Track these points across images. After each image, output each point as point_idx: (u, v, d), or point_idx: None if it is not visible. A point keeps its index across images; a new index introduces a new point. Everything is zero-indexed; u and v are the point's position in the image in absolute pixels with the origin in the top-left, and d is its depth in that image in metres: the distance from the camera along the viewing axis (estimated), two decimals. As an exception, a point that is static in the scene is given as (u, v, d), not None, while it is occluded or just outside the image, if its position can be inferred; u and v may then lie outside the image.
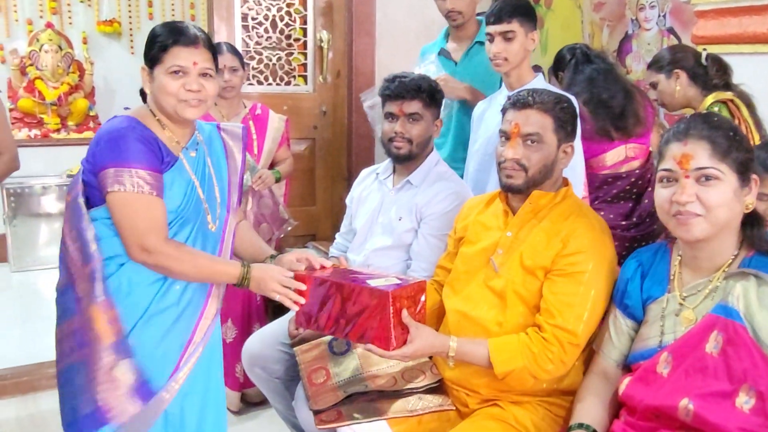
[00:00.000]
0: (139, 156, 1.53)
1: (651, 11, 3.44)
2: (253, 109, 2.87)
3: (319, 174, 3.82)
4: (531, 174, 1.68)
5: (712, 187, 1.32)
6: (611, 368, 1.56)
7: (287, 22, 3.65)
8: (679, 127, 1.39)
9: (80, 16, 5.13)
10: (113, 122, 1.59)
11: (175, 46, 1.58)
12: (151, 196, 1.53)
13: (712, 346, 1.31)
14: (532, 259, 1.66)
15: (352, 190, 2.41)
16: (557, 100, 1.69)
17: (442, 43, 2.80)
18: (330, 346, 1.95)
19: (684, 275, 1.45)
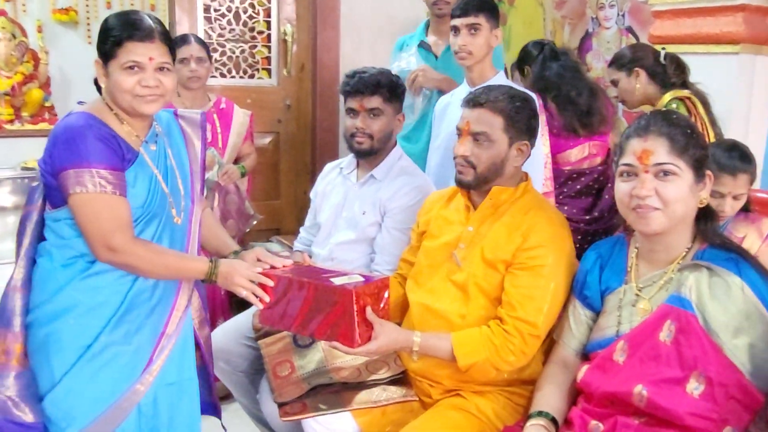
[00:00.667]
0: (99, 155, 1.49)
1: (610, 10, 3.52)
2: (218, 103, 2.86)
3: (283, 168, 3.81)
4: (480, 171, 1.71)
5: (670, 182, 1.37)
6: (570, 357, 1.61)
7: (251, 14, 3.63)
8: (640, 123, 1.43)
9: (35, 4, 4.97)
10: (69, 120, 1.55)
11: (130, 41, 1.53)
12: (114, 195, 1.50)
13: (666, 334, 1.36)
14: (493, 253, 1.70)
15: (316, 185, 2.42)
16: (510, 99, 1.72)
17: (422, 35, 2.82)
18: (294, 339, 1.96)
19: (640, 267, 1.50)
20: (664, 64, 2.45)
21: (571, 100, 2.54)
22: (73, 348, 1.56)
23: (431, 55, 2.74)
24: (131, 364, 1.60)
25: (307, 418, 1.74)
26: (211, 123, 2.80)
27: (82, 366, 1.55)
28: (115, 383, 1.58)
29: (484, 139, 1.69)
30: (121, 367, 1.58)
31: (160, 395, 1.66)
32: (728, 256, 1.39)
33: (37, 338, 1.58)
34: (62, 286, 1.56)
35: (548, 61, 2.64)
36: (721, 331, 1.32)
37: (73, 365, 1.55)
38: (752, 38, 2.63)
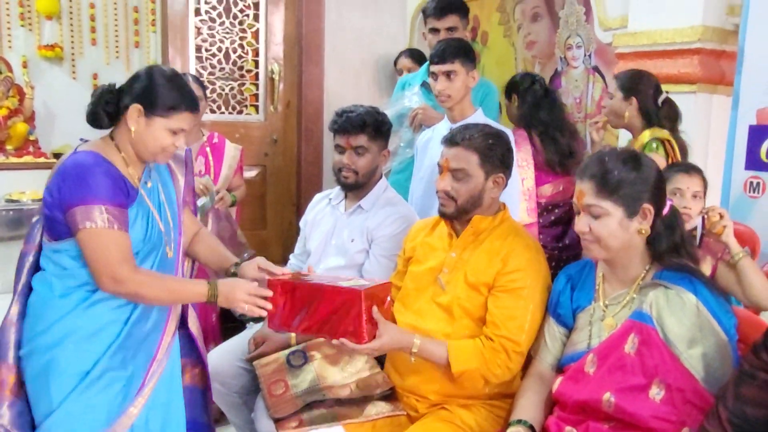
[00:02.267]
0: (108, 193, 1.59)
1: (578, 51, 3.70)
2: (211, 138, 2.97)
3: (269, 199, 3.91)
4: (460, 203, 1.87)
5: (599, 220, 1.54)
6: (546, 371, 1.74)
7: (240, 54, 3.77)
8: (583, 164, 1.60)
9: (20, 40, 5.04)
10: (78, 157, 1.63)
11: (186, 111, 1.69)
12: (120, 231, 1.60)
13: (630, 346, 1.50)
14: (475, 277, 1.84)
15: (305, 214, 2.52)
16: (484, 138, 1.87)
17: (424, 76, 2.95)
18: (288, 360, 2.05)
19: (606, 287, 1.65)
20: (659, 106, 2.48)
21: (555, 140, 2.71)
22: (72, 374, 1.62)
23: (432, 95, 2.89)
24: (126, 389, 1.67)
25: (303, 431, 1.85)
26: (204, 156, 2.91)
27: (81, 391, 1.61)
28: (111, 408, 1.64)
29: (463, 174, 1.85)
30: (117, 392, 1.65)
31: (151, 417, 1.73)
32: (683, 275, 1.52)
33: (36, 367, 1.64)
34: (62, 315, 1.63)
35: (539, 98, 2.79)
36: (678, 342, 1.46)
37: (72, 391, 1.61)
38: (708, 79, 2.81)
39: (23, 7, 4.95)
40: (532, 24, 4.02)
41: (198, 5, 3.62)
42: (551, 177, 2.74)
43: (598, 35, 3.50)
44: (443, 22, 2.86)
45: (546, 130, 2.72)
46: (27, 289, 1.69)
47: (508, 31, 4.21)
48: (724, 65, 2.88)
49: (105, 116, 1.69)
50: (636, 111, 2.48)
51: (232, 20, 3.72)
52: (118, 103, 1.69)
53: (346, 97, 3.73)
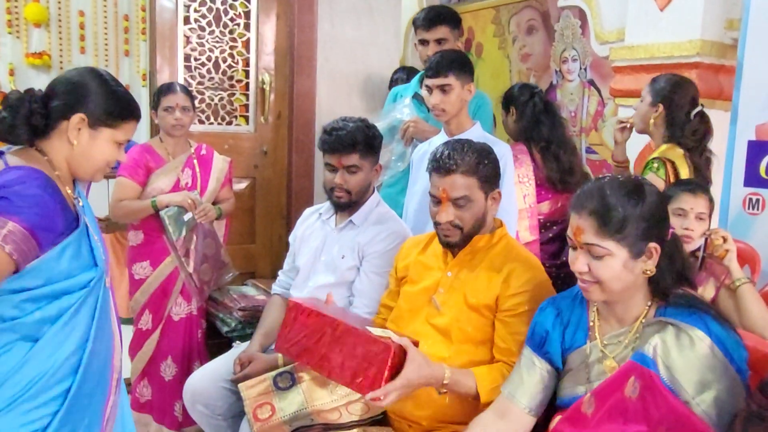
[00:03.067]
0: (33, 215, 1.34)
1: (573, 64, 3.69)
2: (198, 150, 2.91)
3: (258, 212, 3.84)
4: (466, 231, 1.80)
5: (601, 261, 1.37)
6: (514, 410, 1.56)
7: (230, 63, 3.71)
8: (580, 195, 1.43)
9: (8, 47, 4.99)
10: (22, 173, 1.37)
11: (134, 120, 1.54)
12: (9, 257, 1.32)
13: (631, 390, 1.35)
14: (476, 298, 1.77)
15: (295, 229, 2.46)
16: (479, 159, 1.79)
17: (416, 88, 2.92)
18: (275, 382, 1.98)
19: (603, 325, 1.50)
20: (689, 119, 2.33)
21: (557, 157, 2.64)
22: None
23: (423, 107, 2.84)
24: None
25: None
26: (191, 168, 2.84)
27: None
28: None
29: (465, 201, 1.78)
30: None
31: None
32: (690, 312, 1.38)
33: None
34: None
35: (539, 112, 2.70)
36: (688, 386, 1.31)
37: None
38: (706, 93, 2.76)
39: (11, 15, 4.89)
40: (528, 36, 4.02)
41: (187, 13, 3.56)
42: (550, 194, 2.69)
43: (594, 48, 3.50)
44: (432, 33, 2.80)
45: (548, 146, 2.66)
46: None
47: (503, 43, 4.20)
48: (723, 80, 2.87)
49: (27, 129, 1.42)
50: (662, 119, 2.35)
51: (222, 29, 3.67)
52: (47, 114, 1.44)
53: (337, 109, 3.68)
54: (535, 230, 2.59)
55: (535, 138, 2.68)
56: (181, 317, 2.82)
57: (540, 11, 3.91)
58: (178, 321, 2.81)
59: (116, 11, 5.22)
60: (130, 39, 5.29)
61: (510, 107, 2.82)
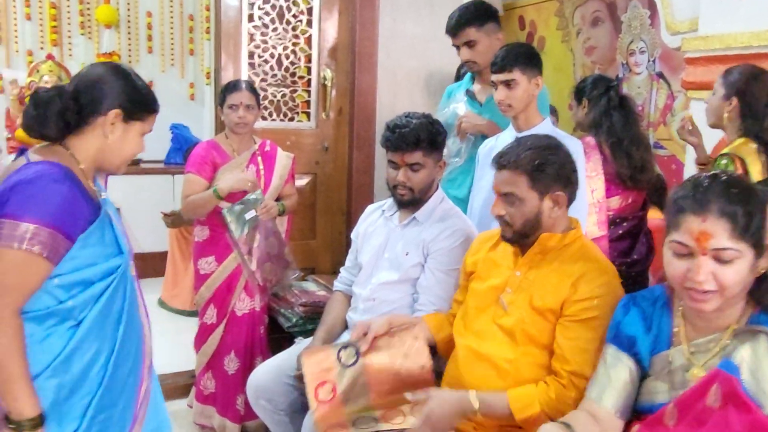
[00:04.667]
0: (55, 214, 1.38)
1: (641, 56, 3.56)
2: (263, 146, 2.92)
3: (319, 208, 3.87)
4: (516, 228, 1.76)
5: (730, 266, 1.27)
6: (603, 414, 1.48)
7: (292, 60, 3.74)
8: (696, 195, 1.30)
9: (80, 48, 5.19)
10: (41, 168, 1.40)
11: (156, 113, 1.60)
12: (40, 258, 1.37)
13: (713, 399, 1.27)
14: (542, 301, 1.71)
15: (357, 225, 2.45)
16: (532, 157, 1.72)
17: (468, 84, 2.90)
18: (338, 357, 1.92)
19: (689, 331, 1.42)
20: (767, 112, 2.21)
21: (628, 153, 2.56)
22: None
23: (476, 103, 2.80)
24: (120, 423, 1.54)
25: None
26: (255, 165, 2.86)
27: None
28: None
29: (513, 198, 1.74)
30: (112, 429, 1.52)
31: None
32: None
33: None
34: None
35: (612, 107, 2.63)
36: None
37: None
38: (787, 85, 2.65)
39: (83, 17, 5.08)
40: (593, 29, 3.91)
41: (251, 11, 3.61)
42: (620, 190, 2.60)
43: (664, 39, 3.37)
44: (459, 38, 2.76)
45: (620, 141, 2.57)
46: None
47: (567, 36, 4.09)
48: (806, 71, 2.70)
49: (59, 125, 1.47)
50: (736, 113, 2.22)
51: (285, 26, 3.70)
52: (79, 110, 1.48)
53: (398, 105, 3.67)
54: (603, 225, 2.50)
55: (606, 132, 2.59)
56: (245, 313, 2.85)
57: (606, 2, 3.79)
58: (241, 316, 2.84)
59: (182, 11, 5.36)
60: (195, 38, 5.43)
61: (582, 99, 2.74)
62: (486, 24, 2.73)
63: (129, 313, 1.54)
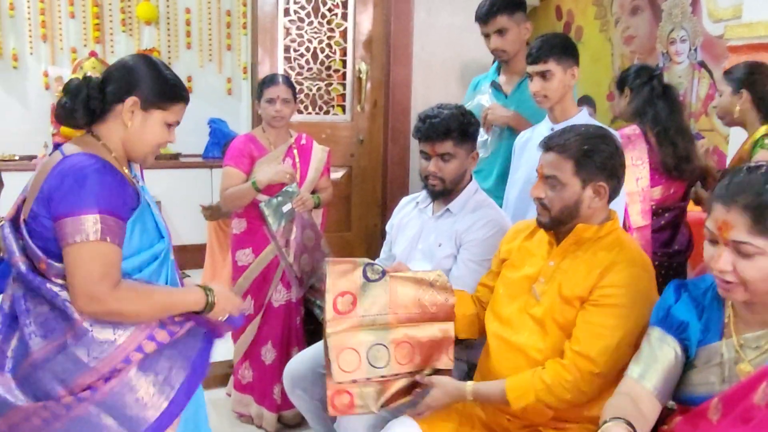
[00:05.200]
0: (109, 201, 1.43)
1: (682, 45, 3.49)
2: (299, 139, 2.95)
3: (354, 201, 3.89)
4: (554, 213, 1.73)
5: (750, 261, 1.25)
6: (642, 392, 1.43)
7: (327, 53, 3.77)
8: (729, 186, 1.29)
9: (122, 45, 5.29)
10: (76, 160, 1.45)
11: (182, 102, 1.60)
12: (112, 244, 1.43)
13: (760, 397, 1.23)
14: (570, 290, 1.70)
15: (392, 217, 2.46)
16: (582, 143, 1.70)
17: (494, 75, 2.89)
18: (364, 271, 1.87)
19: (740, 324, 1.38)
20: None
21: (673, 142, 2.53)
22: None
23: (501, 94, 2.79)
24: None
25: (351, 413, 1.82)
26: (291, 158, 2.89)
27: None
28: None
29: (555, 182, 1.71)
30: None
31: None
32: None
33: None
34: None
35: (656, 96, 2.62)
36: None
37: None
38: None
39: (124, 14, 5.17)
40: (632, 17, 3.84)
41: (287, 5, 3.65)
42: (663, 180, 2.56)
43: (706, 27, 3.30)
44: (490, 26, 2.74)
45: (665, 131, 2.54)
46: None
47: (605, 25, 4.03)
48: None
49: (85, 113, 1.53)
50: (749, 104, 2.32)
51: (320, 20, 3.73)
52: (103, 98, 1.53)
53: (433, 97, 3.66)
54: (648, 215, 2.47)
55: (651, 121, 2.57)
56: (281, 304, 2.89)
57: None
58: (278, 307, 2.88)
59: (219, 7, 5.42)
60: (232, 33, 5.49)
61: (624, 88, 2.72)
62: (516, 13, 2.72)
63: None
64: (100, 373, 1.45)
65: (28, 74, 5.04)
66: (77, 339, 1.44)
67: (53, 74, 5.04)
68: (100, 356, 1.45)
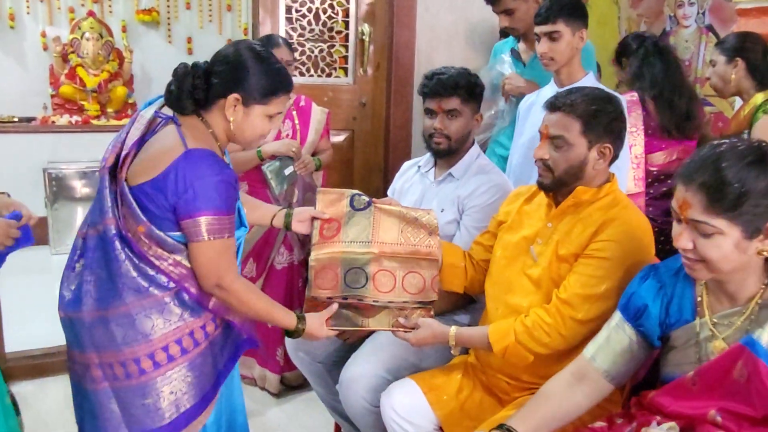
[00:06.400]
0: (223, 203, 1.52)
1: (690, 8, 3.44)
2: (297, 101, 2.93)
3: (356, 164, 3.88)
4: (557, 174, 1.72)
5: (708, 240, 1.25)
6: (593, 374, 1.48)
7: (330, 14, 3.71)
8: (690, 164, 1.29)
9: (120, 5, 5.22)
10: (199, 160, 1.51)
11: (284, 95, 1.63)
12: (227, 239, 1.55)
13: (739, 374, 1.25)
14: (566, 248, 1.71)
15: (393, 182, 2.45)
16: (589, 103, 1.70)
17: (514, 43, 2.86)
18: (351, 200, 1.91)
19: (712, 302, 1.39)
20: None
21: (671, 102, 2.53)
22: None
23: (519, 63, 2.77)
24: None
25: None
26: (290, 120, 2.88)
27: None
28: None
29: (562, 142, 1.70)
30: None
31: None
32: None
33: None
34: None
35: (650, 57, 2.62)
36: None
37: None
38: None
39: (122, -28, 5.09)
40: (640, -20, 3.76)
41: (289, -35, 3.58)
42: (665, 143, 2.55)
43: (715, -10, 3.24)
44: (497, 6, 2.74)
45: (661, 91, 2.53)
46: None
47: (612, -13, 3.96)
48: None
49: (191, 102, 1.58)
50: (744, 72, 2.38)
51: (322, -20, 3.66)
52: (208, 89, 1.58)
53: (437, 60, 3.62)
54: (641, 182, 2.47)
55: (647, 84, 2.55)
56: (284, 266, 2.89)
57: (654, -48, 3.65)
58: (280, 270, 2.89)
59: (219, -34, 5.33)
60: (233, -7, 5.40)
61: (623, 60, 2.74)
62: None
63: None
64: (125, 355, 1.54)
65: (26, 34, 4.98)
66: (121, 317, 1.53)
67: (51, 34, 4.98)
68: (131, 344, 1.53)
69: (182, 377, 1.58)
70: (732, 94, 2.48)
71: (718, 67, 2.44)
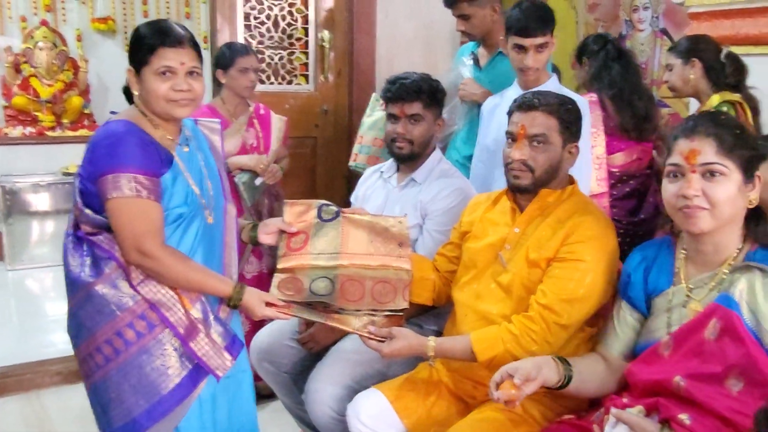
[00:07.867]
0: (138, 161, 1.55)
1: (645, 12, 3.51)
2: (257, 109, 2.92)
3: (319, 172, 3.87)
4: (537, 174, 1.73)
5: (718, 182, 1.37)
6: (612, 357, 1.60)
7: (289, 21, 3.70)
8: (687, 124, 1.43)
9: (74, 14, 5.11)
10: (109, 127, 1.61)
11: (162, 47, 1.59)
12: (149, 200, 1.56)
13: (710, 332, 1.35)
14: (537, 252, 1.71)
15: (356, 189, 2.44)
16: (561, 102, 1.74)
17: (474, 47, 2.86)
18: (319, 211, 1.89)
19: (689, 269, 1.49)
20: (723, 62, 2.42)
21: (630, 103, 2.57)
22: None
23: (476, 67, 2.77)
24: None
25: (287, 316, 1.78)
26: (253, 128, 2.87)
27: None
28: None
29: (542, 140, 1.71)
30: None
31: (219, 390, 1.71)
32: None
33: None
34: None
35: (611, 59, 2.67)
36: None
37: None
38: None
39: (77, -20, 4.98)
40: (596, -15, 3.82)
41: (246, -29, 3.55)
42: (624, 144, 2.60)
43: (668, -5, 3.30)
44: (454, 11, 2.71)
45: (620, 93, 2.58)
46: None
47: (569, -7, 4.01)
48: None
49: (127, 95, 1.71)
50: (701, 72, 2.42)
51: (281, -14, 3.64)
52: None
53: (397, 66, 3.63)
54: (604, 182, 2.51)
55: (606, 85, 2.60)
56: (253, 275, 2.88)
57: (609, -43, 3.71)
58: (250, 279, 2.87)
59: (176, -27, 5.26)
60: (190, 1, 5.33)
61: (583, 58, 2.76)
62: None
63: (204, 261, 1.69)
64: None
65: (-23, 44, 4.84)
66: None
67: (2, 44, 4.85)
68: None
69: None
70: (689, 94, 2.53)
71: (675, 69, 2.48)
